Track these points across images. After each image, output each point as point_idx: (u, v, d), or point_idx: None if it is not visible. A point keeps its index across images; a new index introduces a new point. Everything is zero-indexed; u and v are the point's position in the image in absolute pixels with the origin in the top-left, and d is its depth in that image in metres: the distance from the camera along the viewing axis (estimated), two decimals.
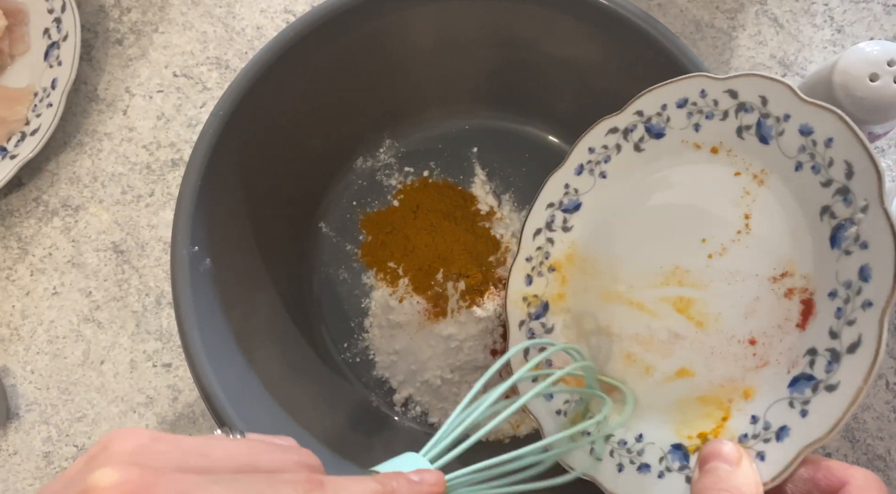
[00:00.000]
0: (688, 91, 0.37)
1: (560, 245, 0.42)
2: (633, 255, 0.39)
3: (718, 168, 0.36)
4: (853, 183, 0.31)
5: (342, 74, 0.47)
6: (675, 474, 0.33)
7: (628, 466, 0.35)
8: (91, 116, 0.57)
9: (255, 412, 0.40)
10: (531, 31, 0.46)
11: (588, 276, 0.41)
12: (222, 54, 0.58)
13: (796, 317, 0.32)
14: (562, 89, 0.49)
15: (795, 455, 0.29)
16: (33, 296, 0.54)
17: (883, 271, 0.29)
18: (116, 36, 0.59)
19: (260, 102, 0.43)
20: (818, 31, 0.56)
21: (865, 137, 0.31)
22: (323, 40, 0.44)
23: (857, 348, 0.29)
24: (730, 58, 0.55)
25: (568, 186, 0.42)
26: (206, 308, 0.40)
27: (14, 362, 0.53)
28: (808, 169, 0.33)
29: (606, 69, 0.45)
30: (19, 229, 0.55)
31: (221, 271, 0.42)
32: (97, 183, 0.56)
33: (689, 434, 0.34)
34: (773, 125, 0.34)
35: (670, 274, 0.37)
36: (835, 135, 0.32)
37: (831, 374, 0.30)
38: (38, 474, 0.51)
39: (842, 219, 0.31)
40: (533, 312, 0.42)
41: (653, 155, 0.39)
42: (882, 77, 0.44)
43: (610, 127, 0.40)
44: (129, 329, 0.53)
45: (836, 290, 0.31)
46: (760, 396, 0.32)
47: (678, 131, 0.38)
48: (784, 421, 0.30)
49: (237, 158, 0.43)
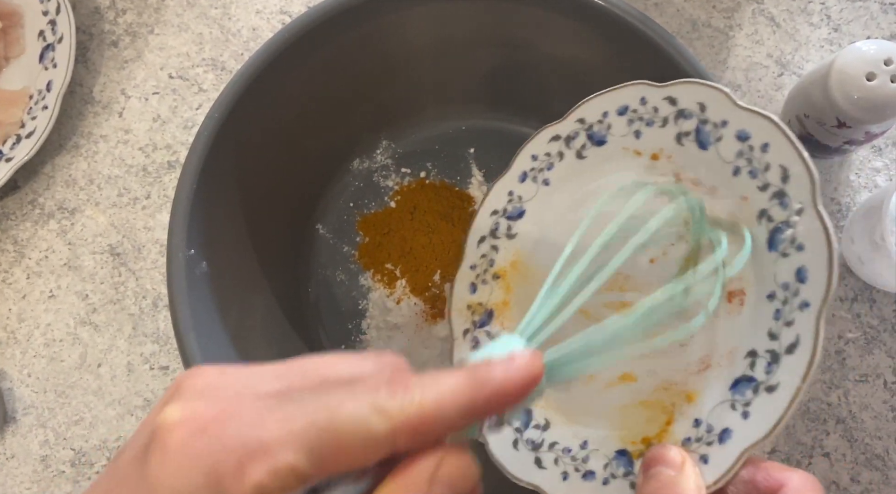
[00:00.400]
0: (629, 99, 0.38)
1: (504, 253, 0.42)
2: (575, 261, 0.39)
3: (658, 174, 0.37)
4: (789, 187, 0.31)
5: (338, 76, 0.47)
6: (620, 480, 0.33)
7: (573, 473, 0.35)
8: (87, 118, 0.57)
9: None
10: (527, 31, 0.46)
11: (532, 284, 0.40)
12: (218, 56, 0.58)
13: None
14: (558, 89, 0.48)
15: (737, 457, 0.29)
16: (30, 299, 0.54)
17: (818, 272, 0.29)
18: (112, 38, 0.59)
19: (255, 105, 0.43)
20: (815, 30, 0.56)
21: (799, 142, 0.31)
22: (318, 42, 0.44)
23: (796, 348, 0.29)
24: (727, 57, 0.55)
25: (512, 193, 0.42)
26: (202, 312, 0.40)
27: (11, 365, 0.53)
28: (746, 174, 0.33)
29: (603, 69, 0.45)
30: (15, 232, 0.55)
31: (218, 274, 0.42)
32: (93, 186, 0.56)
33: (634, 440, 0.34)
34: (712, 131, 0.34)
35: (612, 280, 0.37)
36: (770, 140, 0.32)
37: (771, 375, 0.30)
38: (35, 477, 0.51)
39: (778, 222, 0.31)
40: (477, 320, 0.42)
41: (594, 162, 0.39)
42: (879, 76, 0.44)
43: (552, 134, 0.40)
44: (126, 332, 0.53)
45: (775, 292, 0.31)
46: (703, 399, 0.32)
47: (619, 138, 0.38)
48: (726, 424, 0.31)
49: (233, 161, 0.43)
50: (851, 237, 0.49)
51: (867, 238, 0.47)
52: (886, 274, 0.47)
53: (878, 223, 0.45)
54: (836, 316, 0.51)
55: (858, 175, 0.53)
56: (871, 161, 0.53)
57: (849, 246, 0.50)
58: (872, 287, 0.51)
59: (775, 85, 0.55)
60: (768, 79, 0.55)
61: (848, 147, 0.49)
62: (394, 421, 0.23)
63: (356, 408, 0.23)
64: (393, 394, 0.23)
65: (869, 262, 0.48)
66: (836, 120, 0.46)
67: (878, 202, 0.46)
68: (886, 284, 0.49)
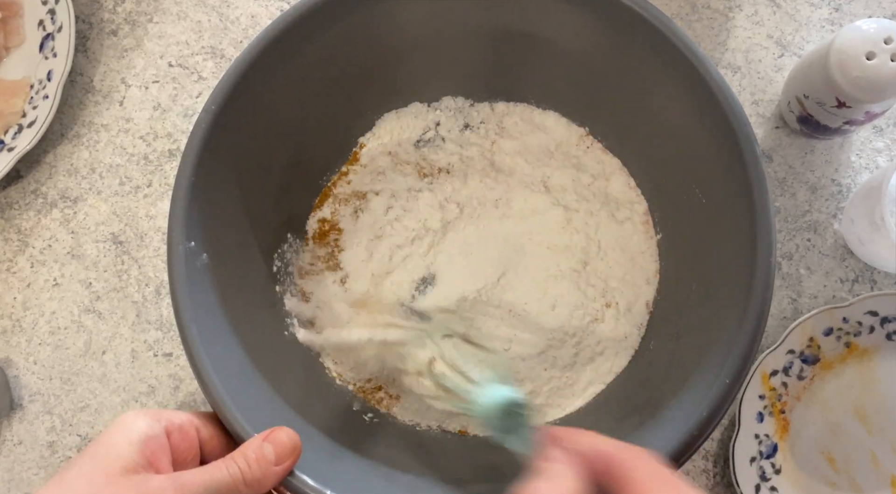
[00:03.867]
0: None
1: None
2: None
3: None
4: None
5: (337, 63, 0.46)
6: None
7: None
8: (87, 107, 0.57)
9: (254, 402, 0.40)
10: (525, 18, 0.46)
11: None
12: (217, 44, 0.58)
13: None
14: (556, 73, 0.48)
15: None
16: (34, 288, 0.54)
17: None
18: (111, 26, 0.59)
19: (253, 95, 0.43)
20: (815, 10, 0.55)
21: None
22: (315, 30, 0.43)
23: None
24: (726, 39, 0.55)
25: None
26: (203, 303, 0.40)
27: (16, 353, 0.53)
28: None
29: (601, 54, 0.45)
30: (19, 222, 0.55)
31: (218, 265, 0.42)
32: (95, 174, 0.56)
33: None
34: None
35: None
36: None
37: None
38: (42, 463, 0.51)
39: None
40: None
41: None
42: (878, 55, 0.44)
43: None
44: (130, 320, 0.53)
45: None
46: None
47: None
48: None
49: (231, 152, 0.43)
50: (852, 218, 0.49)
51: (867, 219, 0.47)
52: (886, 255, 0.47)
53: (877, 204, 0.45)
54: (836, 298, 0.51)
55: (859, 156, 0.53)
56: (873, 142, 0.53)
57: (849, 227, 0.50)
58: (873, 268, 0.51)
59: (775, 66, 0.54)
60: (768, 60, 0.55)
61: (848, 128, 0.49)
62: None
63: None
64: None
65: (869, 243, 0.48)
66: (835, 100, 0.46)
67: (878, 183, 0.45)
68: (886, 264, 0.49)
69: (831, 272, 0.51)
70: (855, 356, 0.48)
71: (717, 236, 0.42)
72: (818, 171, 0.53)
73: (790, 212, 0.52)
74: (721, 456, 0.49)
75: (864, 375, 0.48)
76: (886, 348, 0.48)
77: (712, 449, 0.49)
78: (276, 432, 0.36)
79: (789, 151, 0.53)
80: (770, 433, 0.47)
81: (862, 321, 0.47)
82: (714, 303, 0.41)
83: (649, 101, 0.45)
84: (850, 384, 0.48)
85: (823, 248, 0.51)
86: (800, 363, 0.47)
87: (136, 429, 0.35)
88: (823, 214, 0.52)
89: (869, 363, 0.48)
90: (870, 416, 0.47)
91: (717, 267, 0.42)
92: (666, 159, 0.46)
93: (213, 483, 0.34)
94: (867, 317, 0.47)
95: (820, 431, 0.48)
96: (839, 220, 0.52)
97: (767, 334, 0.50)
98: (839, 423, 0.48)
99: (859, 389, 0.48)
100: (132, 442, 0.34)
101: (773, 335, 0.50)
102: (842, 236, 0.51)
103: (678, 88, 0.42)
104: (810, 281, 0.51)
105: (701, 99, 0.41)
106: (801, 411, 0.48)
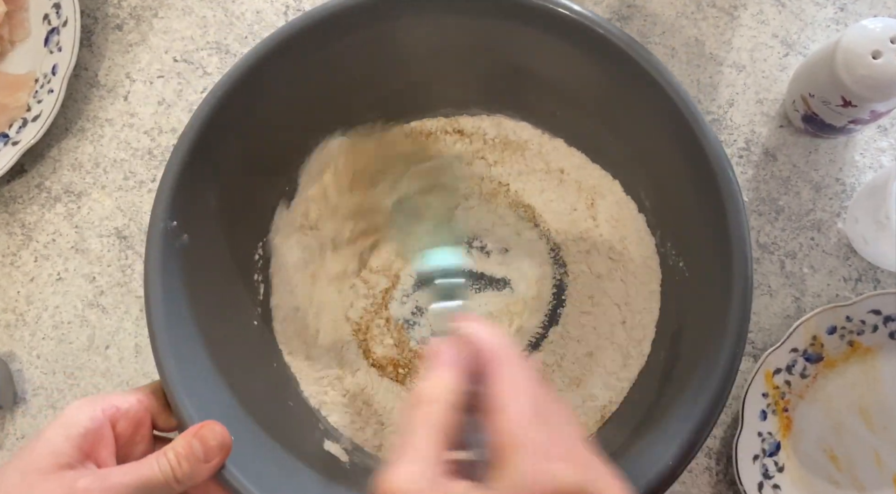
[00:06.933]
0: None
1: None
2: None
3: None
4: None
5: (335, 75, 0.47)
6: None
7: None
8: (92, 101, 0.57)
9: (205, 390, 0.40)
10: (521, 49, 0.46)
11: None
12: (222, 39, 0.58)
13: None
14: (552, 100, 0.49)
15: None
16: (38, 282, 0.54)
17: None
18: (116, 21, 0.59)
19: (252, 95, 0.43)
20: (821, 10, 0.55)
21: None
22: (315, 43, 0.44)
23: None
24: (731, 37, 0.55)
25: None
26: (176, 284, 0.41)
27: (20, 347, 0.53)
28: None
29: (592, 84, 0.45)
30: (23, 216, 0.55)
31: (198, 248, 0.42)
32: (99, 169, 0.56)
33: None
34: None
35: None
36: None
37: None
38: None
39: None
40: None
41: None
42: (885, 54, 0.44)
43: None
44: (134, 314, 0.53)
45: None
46: None
47: None
48: None
49: (230, 139, 0.43)
50: (856, 217, 0.49)
51: (871, 218, 0.47)
52: (890, 254, 0.47)
53: (882, 203, 0.45)
54: (839, 297, 0.51)
55: (863, 155, 0.53)
56: (877, 141, 0.53)
57: (853, 226, 0.50)
58: (877, 267, 0.51)
59: (780, 65, 0.54)
60: (773, 59, 0.55)
61: (853, 127, 0.49)
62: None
63: None
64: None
65: (873, 242, 0.48)
66: (841, 99, 0.46)
67: (883, 182, 0.46)
68: (890, 263, 0.49)
69: (835, 271, 0.51)
70: (858, 355, 0.48)
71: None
72: (822, 170, 0.53)
73: (794, 211, 0.52)
74: (724, 454, 0.49)
75: (868, 373, 0.48)
76: (890, 346, 0.48)
77: (715, 447, 0.49)
78: (205, 427, 0.36)
79: (793, 150, 0.53)
80: (773, 431, 0.47)
81: (865, 320, 0.47)
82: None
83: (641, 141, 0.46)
84: (854, 382, 0.48)
85: (827, 247, 0.52)
86: (803, 361, 0.47)
87: (76, 423, 0.34)
88: (827, 213, 0.52)
89: (872, 361, 0.48)
90: (873, 415, 0.48)
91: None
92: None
93: (142, 482, 0.33)
94: (870, 316, 0.47)
95: (823, 429, 0.48)
96: (843, 219, 0.52)
97: (771, 332, 0.50)
98: (842, 421, 0.48)
99: (862, 387, 0.48)
100: (70, 438, 0.34)
101: (776, 333, 0.50)
102: (845, 235, 0.52)
103: (663, 130, 0.42)
104: (814, 280, 0.51)
105: (684, 141, 0.41)
106: (805, 409, 0.48)
